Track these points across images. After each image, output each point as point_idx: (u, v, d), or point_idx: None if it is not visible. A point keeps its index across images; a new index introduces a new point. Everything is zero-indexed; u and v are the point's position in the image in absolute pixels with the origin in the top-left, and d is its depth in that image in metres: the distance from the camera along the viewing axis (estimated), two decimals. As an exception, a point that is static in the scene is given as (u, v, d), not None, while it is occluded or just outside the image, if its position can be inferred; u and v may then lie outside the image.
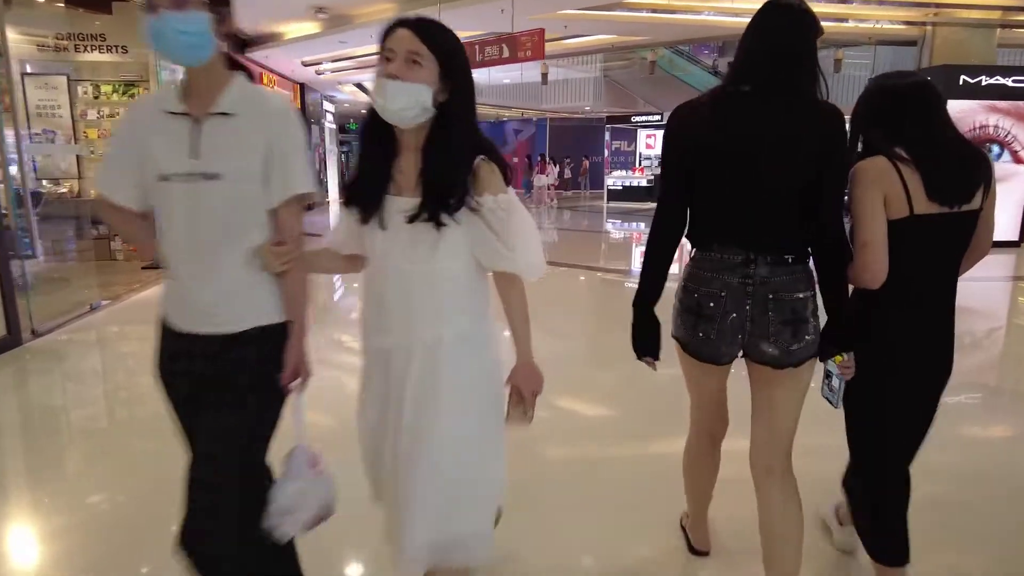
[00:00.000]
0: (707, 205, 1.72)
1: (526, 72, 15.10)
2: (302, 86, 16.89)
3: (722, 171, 1.66)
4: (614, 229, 14.23)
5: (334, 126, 21.33)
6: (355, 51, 12.90)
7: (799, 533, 1.79)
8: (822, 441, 2.18)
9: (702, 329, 1.72)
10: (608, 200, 19.77)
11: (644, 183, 19.44)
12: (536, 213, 17.66)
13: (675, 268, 1.85)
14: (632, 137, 26.94)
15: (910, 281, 1.73)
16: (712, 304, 1.69)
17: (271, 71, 14.20)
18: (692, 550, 2.22)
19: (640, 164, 21.19)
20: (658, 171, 20.61)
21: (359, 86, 18.93)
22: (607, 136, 21.43)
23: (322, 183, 19.42)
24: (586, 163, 25.70)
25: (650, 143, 21.21)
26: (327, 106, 19.95)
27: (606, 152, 21.35)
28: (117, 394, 4.13)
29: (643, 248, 1.85)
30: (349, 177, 1.66)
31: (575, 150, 26.82)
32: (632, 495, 2.70)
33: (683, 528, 2.31)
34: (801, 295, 1.67)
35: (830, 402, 1.89)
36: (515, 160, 28.80)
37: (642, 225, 14.99)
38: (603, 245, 11.89)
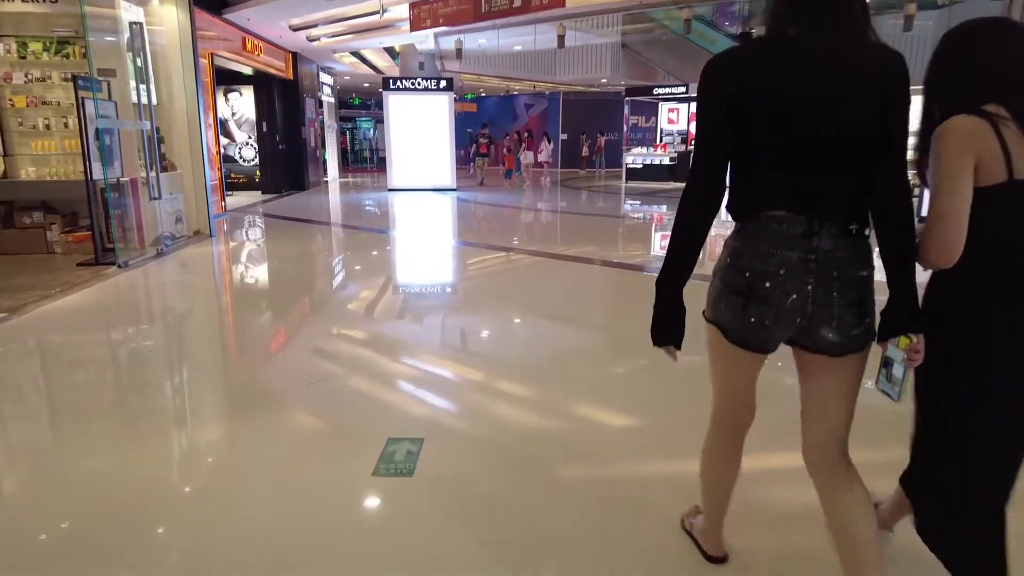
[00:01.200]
0: (757, 168, 1.52)
1: (540, 37, 13.48)
2: (295, 55, 15.33)
3: (773, 126, 1.46)
4: (633, 212, 12.74)
5: (333, 100, 19.78)
6: (347, 10, 11.34)
7: (875, 527, 1.60)
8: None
9: (755, 313, 1.51)
10: (627, 180, 18.22)
11: (667, 161, 17.84)
12: (519, 190, 16.28)
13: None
14: (652, 112, 25.22)
15: (1001, 256, 1.48)
16: (768, 284, 1.49)
17: (257, 36, 12.66)
18: (708, 558, 2.00)
19: (661, 141, 19.56)
20: (681, 149, 19.36)
21: (358, 56, 17.31)
22: (626, 110, 19.82)
23: (320, 162, 17.93)
24: (601, 140, 24.06)
25: (672, 118, 19.55)
26: (324, 78, 18.40)
27: (625, 128, 19.77)
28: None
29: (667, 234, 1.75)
30: None
31: (590, 126, 25.14)
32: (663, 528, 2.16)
33: (688, 533, 2.11)
34: (865, 272, 1.51)
35: (888, 395, 1.54)
36: (527, 136, 27.19)
37: (664, 207, 13.47)
38: (620, 230, 10.41)
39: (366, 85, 25.30)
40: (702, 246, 1.59)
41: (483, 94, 27.16)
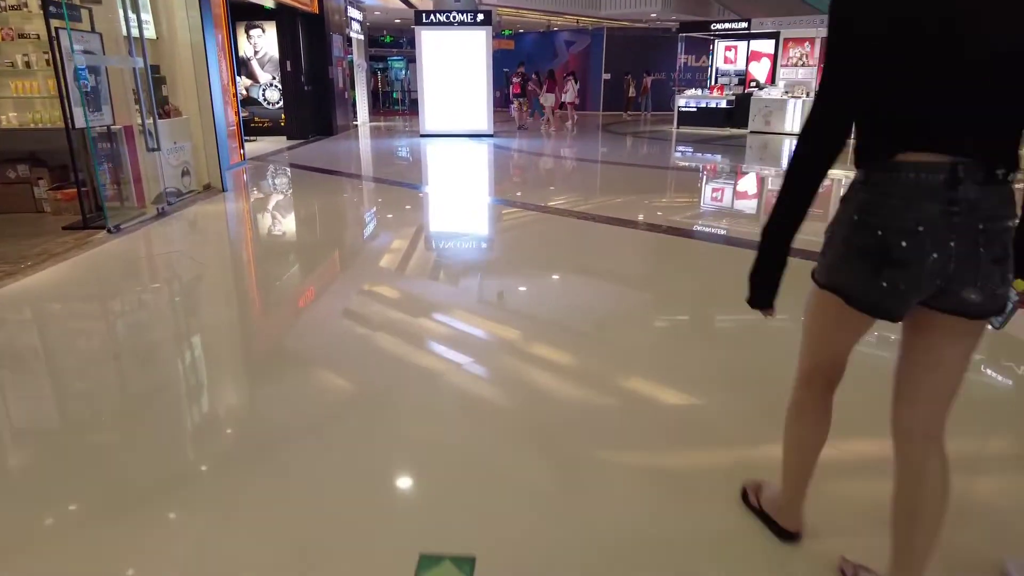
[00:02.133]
0: (894, 100, 1.29)
1: None
2: (320, -14, 13.99)
3: (916, 49, 1.24)
4: (685, 162, 11.40)
5: (362, 37, 18.40)
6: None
7: (946, 510, 1.49)
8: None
9: (887, 277, 1.33)
10: (678, 124, 16.69)
11: (723, 104, 16.22)
12: (544, 135, 14.92)
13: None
14: (703, 50, 23.25)
15: None
16: (905, 244, 1.29)
17: (276, -37, 11.38)
18: (781, 533, 1.79)
19: (716, 82, 17.83)
20: (738, 91, 17.63)
21: (388, -13, 15.84)
22: (680, 48, 18.04)
23: (349, 104, 16.76)
24: (647, 80, 22.28)
25: (729, 57, 17.73)
26: (353, 13, 17.00)
27: (679, 64, 18.02)
28: None
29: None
30: None
31: (635, 65, 23.32)
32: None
33: (756, 508, 1.90)
34: (1009, 222, 1.31)
35: (991, 324, 1.40)
36: (569, 77, 25.44)
37: (718, 156, 12.08)
38: (672, 184, 9.14)
39: (397, 21, 23.74)
40: (817, 193, 1.41)
41: (521, 31, 25.36)
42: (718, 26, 16.67)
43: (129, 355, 3.20)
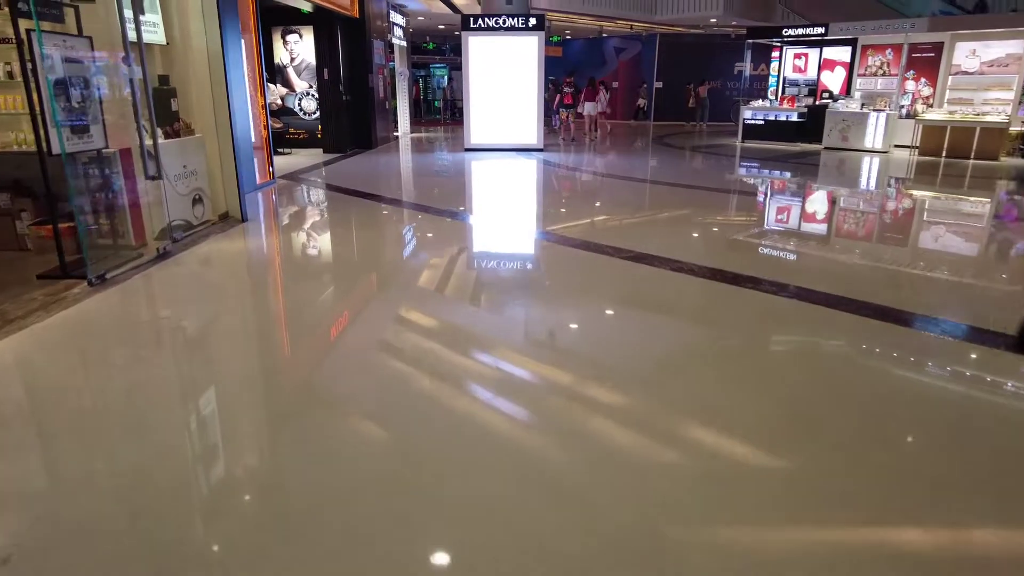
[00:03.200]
0: None
1: None
2: (361, -11, 12.98)
3: None
4: (759, 184, 9.99)
5: (404, 43, 17.39)
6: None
7: None
8: None
9: None
10: (743, 138, 15.23)
11: (794, 117, 14.71)
12: (575, 146, 13.59)
13: None
14: (762, 58, 21.69)
15: None
16: None
17: (314, -37, 10.36)
18: None
19: (784, 92, 16.30)
20: (810, 101, 16.09)
21: (433, -10, 14.77)
22: (746, 56, 16.55)
23: (390, 114, 15.73)
24: (703, 89, 20.81)
25: (799, 65, 16.19)
26: (396, 18, 15.99)
27: (746, 73, 16.49)
28: None
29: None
30: None
31: (690, 73, 21.87)
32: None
33: None
34: None
35: None
36: (615, 85, 24.15)
37: (787, 174, 10.65)
38: (748, 212, 7.78)
39: (441, 27, 22.73)
40: None
41: (568, 36, 24.12)
42: (790, 31, 15.14)
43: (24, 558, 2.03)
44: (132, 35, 4.72)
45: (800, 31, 14.90)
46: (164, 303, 4.26)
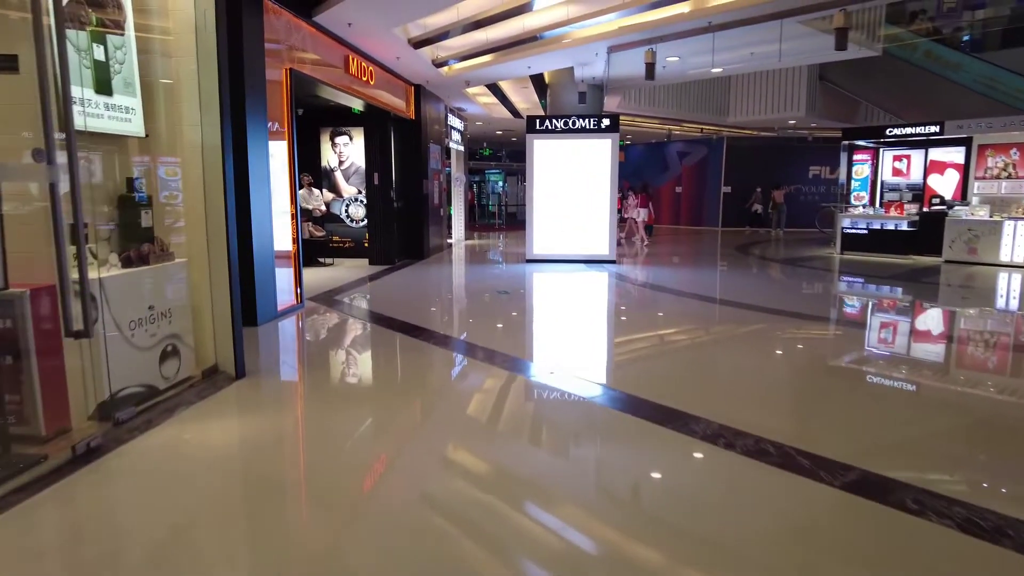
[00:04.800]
0: None
1: (720, 55, 9.09)
2: (418, 90, 11.80)
3: None
4: (856, 313, 7.74)
5: (462, 148, 16.23)
6: (482, 4, 7.55)
7: None
8: None
9: None
10: (842, 249, 13.08)
11: (903, 226, 12.56)
12: (632, 256, 11.55)
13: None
14: (832, 161, 19.91)
15: None
16: None
17: (365, 57, 9.10)
18: None
19: (883, 197, 14.25)
20: (916, 207, 13.92)
21: (495, 91, 13.59)
22: (844, 159, 14.69)
23: (445, 220, 14.24)
24: (779, 194, 18.95)
25: (899, 168, 14.21)
26: (454, 121, 14.87)
27: (841, 177, 14.53)
28: None
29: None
30: None
31: (759, 177, 20.17)
32: None
33: None
34: None
35: None
36: (679, 190, 22.58)
37: (900, 292, 8.40)
38: (844, 358, 5.54)
39: (499, 132, 21.86)
40: None
41: (629, 141, 22.93)
42: (895, 131, 13.27)
43: None
44: (80, 121, 3.03)
45: (908, 130, 13.01)
46: (29, 581, 2.26)
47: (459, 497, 2.83)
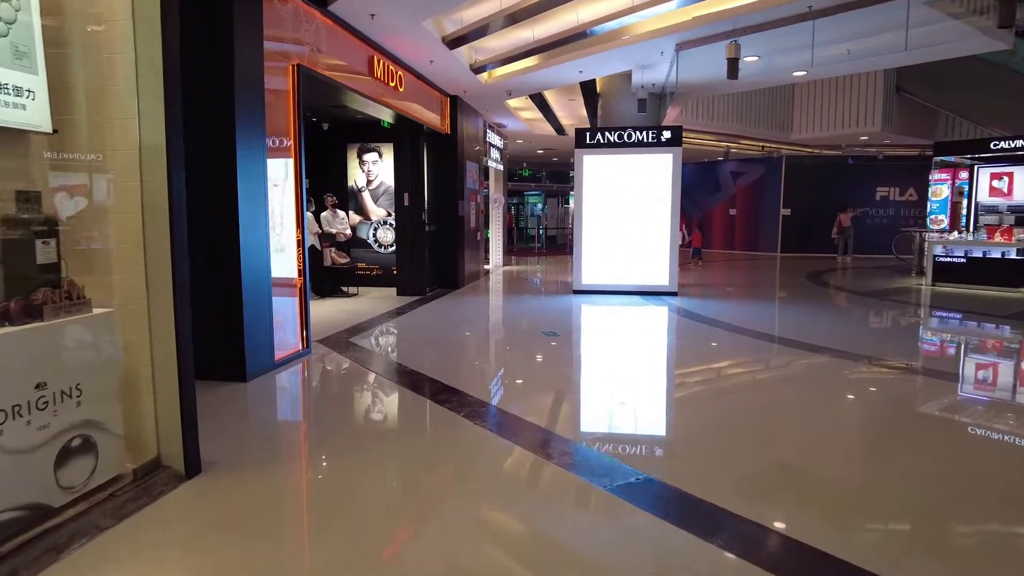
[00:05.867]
0: None
1: (804, 54, 7.58)
2: (455, 102, 10.57)
3: None
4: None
5: (501, 167, 14.97)
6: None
7: None
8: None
9: None
10: (934, 279, 11.29)
11: (1012, 254, 10.75)
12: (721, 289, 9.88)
13: None
14: (912, 180, 18.09)
15: None
16: None
17: (393, 59, 7.89)
18: None
19: (977, 221, 12.43)
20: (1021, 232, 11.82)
21: (539, 102, 12.29)
22: (931, 177, 12.93)
23: (481, 245, 12.92)
24: (845, 217, 17.15)
25: (999, 188, 12.39)
26: (492, 138, 13.63)
27: (942, 195, 12.75)
28: None
29: None
30: None
31: (824, 198, 18.42)
32: None
33: None
34: None
35: None
36: (733, 212, 20.92)
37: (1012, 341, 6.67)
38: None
39: (539, 152, 20.60)
40: None
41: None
42: (1002, 144, 11.51)
43: None
44: None
45: (1020, 143, 11.24)
46: None
47: None
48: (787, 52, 7.63)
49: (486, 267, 13.61)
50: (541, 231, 24.31)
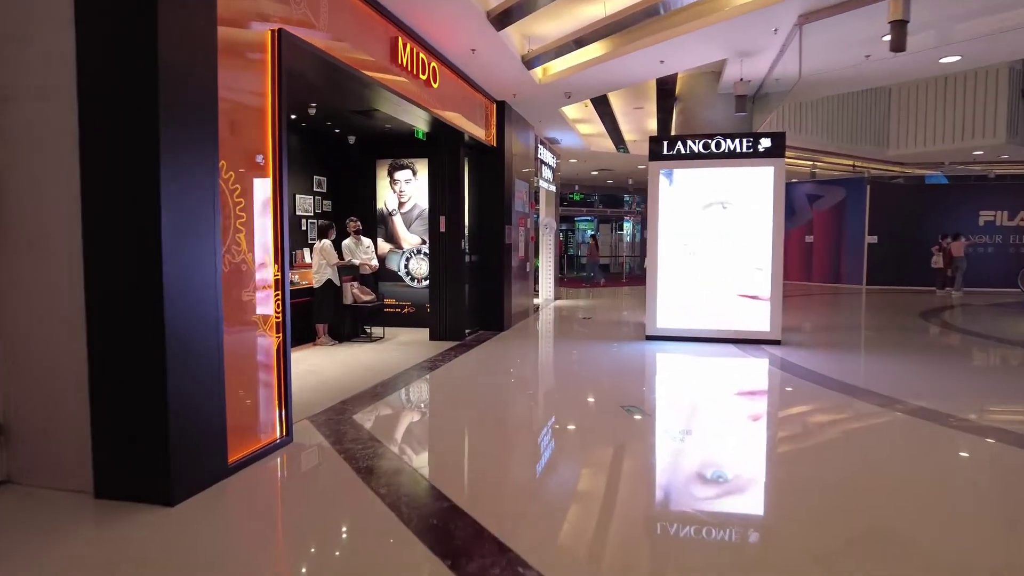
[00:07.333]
0: None
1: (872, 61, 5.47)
2: (501, 108, 8.79)
3: None
4: None
5: (553, 188, 13.11)
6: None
7: None
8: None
9: None
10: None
11: None
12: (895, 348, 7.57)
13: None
14: (1013, 203, 15.58)
15: None
16: None
17: (423, 45, 6.14)
18: None
19: None
20: None
21: (602, 110, 10.40)
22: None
23: (531, 276, 11.00)
24: (957, 246, 14.65)
25: None
26: (544, 154, 11.81)
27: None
28: None
29: None
30: None
31: (916, 224, 15.96)
32: None
33: None
34: None
35: None
36: (810, 239, 18.54)
37: None
38: None
39: (593, 173, 18.73)
40: None
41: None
42: None
43: None
44: None
45: None
46: None
47: None
48: (959, 19, 5.57)
49: (536, 301, 11.69)
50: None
